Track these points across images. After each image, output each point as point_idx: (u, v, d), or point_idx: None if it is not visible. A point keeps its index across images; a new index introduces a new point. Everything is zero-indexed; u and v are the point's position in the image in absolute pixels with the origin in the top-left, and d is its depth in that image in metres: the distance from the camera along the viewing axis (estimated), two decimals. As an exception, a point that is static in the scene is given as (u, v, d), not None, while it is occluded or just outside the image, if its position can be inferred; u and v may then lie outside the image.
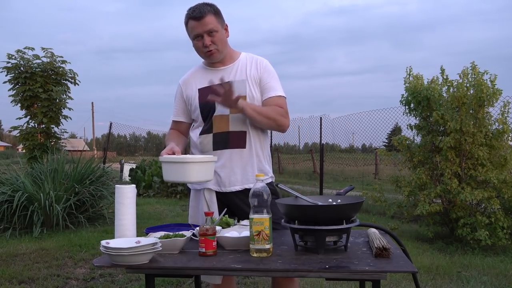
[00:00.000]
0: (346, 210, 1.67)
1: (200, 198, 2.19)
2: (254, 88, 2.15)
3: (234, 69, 2.18)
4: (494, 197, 4.77)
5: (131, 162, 13.20)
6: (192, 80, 2.24)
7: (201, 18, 2.04)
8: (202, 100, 2.17)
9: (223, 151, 2.14)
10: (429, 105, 5.18)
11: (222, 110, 2.12)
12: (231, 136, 2.13)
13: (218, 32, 2.09)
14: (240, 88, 2.12)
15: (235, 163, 2.14)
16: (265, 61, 2.22)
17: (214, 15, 2.08)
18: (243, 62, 2.20)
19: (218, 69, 2.19)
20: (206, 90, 2.14)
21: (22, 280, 3.69)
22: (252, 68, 2.18)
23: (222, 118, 2.13)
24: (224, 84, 1.98)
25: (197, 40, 2.10)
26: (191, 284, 3.62)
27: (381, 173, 13.33)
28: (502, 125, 4.96)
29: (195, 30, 2.07)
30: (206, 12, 2.05)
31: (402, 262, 1.53)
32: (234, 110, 2.08)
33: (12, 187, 5.68)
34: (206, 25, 2.05)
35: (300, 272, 1.50)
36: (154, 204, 8.14)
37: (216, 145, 2.15)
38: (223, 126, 2.13)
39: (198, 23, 2.05)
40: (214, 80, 2.06)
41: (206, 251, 1.64)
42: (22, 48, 7.94)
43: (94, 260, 1.67)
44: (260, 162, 2.19)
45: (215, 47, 2.10)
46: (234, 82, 2.10)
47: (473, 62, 5.08)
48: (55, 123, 8.12)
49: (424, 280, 3.66)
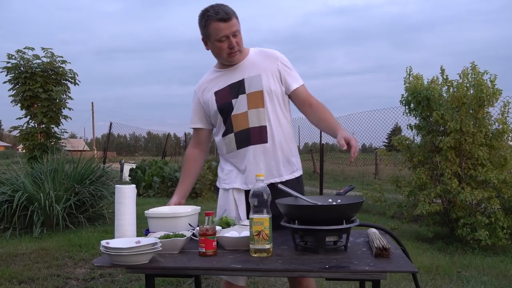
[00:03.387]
0: (346, 210, 1.67)
1: (229, 198, 2.19)
2: (270, 80, 2.14)
3: (246, 66, 2.17)
4: (494, 197, 4.77)
5: (131, 162, 13.21)
6: (207, 85, 2.24)
7: (229, 20, 2.03)
8: (219, 102, 2.17)
9: (246, 148, 2.13)
10: (429, 105, 5.18)
11: (240, 108, 2.13)
12: (251, 132, 2.12)
13: (240, 33, 2.10)
14: (256, 83, 2.13)
15: (258, 159, 2.13)
16: (277, 52, 2.21)
17: (236, 17, 2.08)
18: (254, 57, 2.18)
19: (230, 69, 2.18)
20: (221, 92, 2.16)
21: (22, 280, 3.69)
22: (265, 61, 2.17)
23: (240, 116, 2.13)
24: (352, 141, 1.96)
25: (221, 42, 2.07)
26: (191, 284, 3.62)
27: (381, 173, 13.33)
28: (502, 125, 4.96)
29: (222, 32, 2.04)
30: (231, 13, 2.04)
31: (402, 262, 1.53)
32: (252, 106, 2.11)
33: (12, 187, 5.68)
34: (232, 26, 2.04)
35: (300, 272, 1.50)
36: (154, 204, 8.10)
37: (239, 143, 2.15)
38: (243, 124, 2.13)
39: (226, 24, 2.03)
40: (230, 80, 2.12)
41: (206, 251, 1.64)
42: (22, 48, 7.95)
43: (94, 260, 1.67)
44: (287, 155, 2.18)
45: (238, 48, 2.09)
46: (248, 79, 2.12)
47: (473, 62, 5.08)
48: (55, 123, 8.12)
49: (424, 280, 3.66)
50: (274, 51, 2.22)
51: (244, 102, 2.13)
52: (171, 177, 9.78)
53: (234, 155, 2.18)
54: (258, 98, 2.13)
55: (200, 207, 2.09)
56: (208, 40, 2.11)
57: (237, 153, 2.16)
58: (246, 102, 2.12)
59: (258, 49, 2.24)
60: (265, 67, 2.16)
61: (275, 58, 2.19)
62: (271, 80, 2.15)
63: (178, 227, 1.89)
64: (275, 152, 2.14)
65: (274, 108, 2.15)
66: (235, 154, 2.17)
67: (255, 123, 2.12)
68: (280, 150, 2.15)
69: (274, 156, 2.14)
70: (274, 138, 2.14)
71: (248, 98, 2.13)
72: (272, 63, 2.17)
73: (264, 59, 2.18)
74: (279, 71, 2.17)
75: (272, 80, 2.15)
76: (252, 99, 2.12)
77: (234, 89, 2.15)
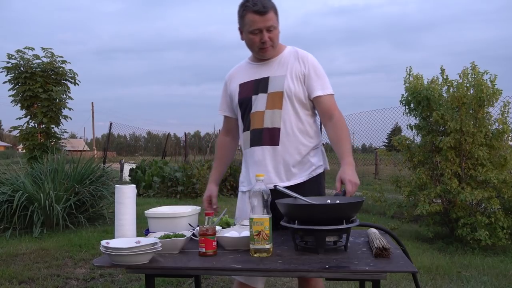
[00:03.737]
0: (346, 209, 1.67)
1: (245, 201, 2.17)
2: (294, 83, 2.08)
3: (275, 64, 2.13)
4: (494, 197, 4.77)
5: (131, 162, 13.20)
6: (236, 75, 2.22)
7: (265, 14, 1.98)
8: (241, 95, 2.15)
9: (257, 147, 2.12)
10: (429, 105, 5.18)
11: (258, 106, 2.10)
12: (264, 133, 2.10)
13: (276, 28, 2.05)
14: (278, 83, 2.09)
15: (268, 161, 2.10)
16: (310, 56, 2.15)
17: (274, 11, 2.02)
18: (286, 57, 2.14)
19: (260, 64, 2.15)
20: (245, 85, 2.15)
21: (22, 280, 3.69)
22: (295, 63, 2.11)
23: (257, 115, 2.11)
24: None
25: (253, 34, 2.03)
26: (191, 284, 3.62)
27: (381, 173, 13.32)
28: (502, 125, 4.96)
29: (255, 24, 2.00)
30: (269, 7, 1.99)
31: (402, 262, 1.53)
32: (270, 107, 2.08)
33: (12, 187, 5.67)
34: (268, 20, 1.99)
35: (300, 272, 1.50)
36: (154, 204, 8.12)
37: (252, 142, 2.14)
38: (259, 123, 2.10)
39: (261, 18, 1.98)
40: (256, 75, 2.10)
41: (206, 251, 1.64)
42: (22, 48, 7.95)
43: (94, 260, 1.67)
44: (302, 158, 2.11)
45: (270, 43, 2.05)
46: (273, 78, 2.09)
47: (473, 62, 5.08)
48: (55, 123, 8.12)
49: (424, 280, 3.66)
50: (307, 54, 2.15)
51: (263, 101, 2.09)
52: (171, 177, 9.78)
53: (247, 153, 2.18)
54: (278, 99, 2.08)
55: (200, 207, 2.09)
56: (242, 30, 2.08)
57: (250, 151, 2.15)
58: (266, 101, 2.09)
59: (294, 48, 2.18)
60: (292, 68, 2.10)
61: (305, 61, 2.12)
62: (294, 82, 2.09)
63: (178, 227, 1.89)
64: (286, 156, 2.09)
65: (294, 110, 2.09)
66: (249, 152, 2.17)
67: (268, 124, 2.09)
68: (293, 154, 2.09)
69: (283, 160, 2.09)
70: (287, 141, 2.08)
71: (268, 97, 2.09)
72: (300, 65, 2.11)
73: (294, 60, 2.12)
74: (304, 74, 2.10)
75: (296, 82, 2.09)
76: (271, 99, 2.09)
77: (257, 85, 2.12)
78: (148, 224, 1.97)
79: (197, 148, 24.56)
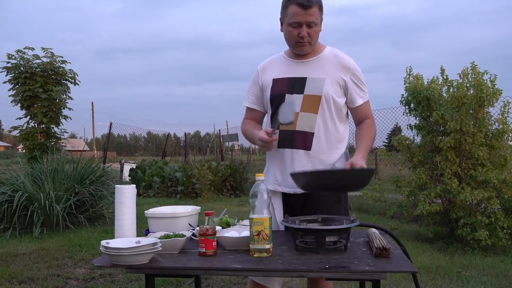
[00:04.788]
0: (359, 174, 1.84)
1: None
2: (333, 88, 2.02)
3: (314, 65, 2.05)
4: (494, 197, 4.77)
5: (131, 162, 13.21)
6: (270, 68, 2.14)
7: (308, 8, 1.92)
8: (274, 91, 2.08)
9: (287, 150, 2.05)
10: (429, 105, 5.18)
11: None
12: (295, 135, 2.03)
13: (317, 26, 1.98)
14: (316, 86, 2.01)
15: (296, 164, 2.03)
16: (352, 62, 2.08)
17: (319, 8, 1.96)
18: (326, 59, 2.06)
19: (297, 62, 2.08)
20: (280, 81, 2.07)
21: (22, 280, 3.69)
22: (337, 68, 2.05)
23: None
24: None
25: (293, 27, 1.96)
26: (191, 284, 3.62)
27: (381, 173, 13.32)
28: (502, 125, 4.95)
29: (296, 17, 1.94)
30: (314, 2, 1.92)
31: (402, 262, 1.53)
32: (305, 109, 2.01)
33: (12, 187, 5.68)
34: (310, 15, 1.93)
35: (300, 272, 1.50)
36: (154, 204, 8.12)
37: (281, 142, 2.04)
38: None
39: (304, 11, 1.92)
40: (293, 73, 2.04)
41: (206, 251, 1.64)
42: (22, 48, 7.96)
43: (94, 260, 1.67)
44: (333, 164, 2.06)
45: (308, 39, 1.98)
46: (311, 79, 2.02)
47: (473, 62, 5.08)
48: (55, 123, 8.12)
49: (424, 280, 3.66)
50: (349, 59, 2.08)
51: (298, 102, 2.01)
52: (171, 177, 9.78)
53: (273, 152, 2.10)
54: (315, 102, 2.01)
55: (200, 207, 2.09)
56: (283, 21, 2.02)
57: (277, 151, 2.07)
58: (301, 103, 2.01)
59: (334, 50, 2.11)
60: (333, 72, 2.03)
61: (347, 68, 2.05)
62: (335, 87, 2.03)
63: (178, 227, 1.89)
64: (316, 162, 2.03)
65: (331, 116, 2.04)
66: (275, 151, 2.08)
67: (302, 127, 2.02)
68: (324, 161, 2.05)
69: (313, 166, 2.03)
70: (318, 147, 2.03)
71: (304, 99, 2.01)
72: (342, 72, 2.04)
73: (336, 64, 2.05)
74: (346, 82, 2.04)
75: (336, 88, 2.03)
76: (307, 102, 2.01)
77: (292, 84, 2.04)
78: (148, 224, 1.97)
79: (197, 148, 24.59)
